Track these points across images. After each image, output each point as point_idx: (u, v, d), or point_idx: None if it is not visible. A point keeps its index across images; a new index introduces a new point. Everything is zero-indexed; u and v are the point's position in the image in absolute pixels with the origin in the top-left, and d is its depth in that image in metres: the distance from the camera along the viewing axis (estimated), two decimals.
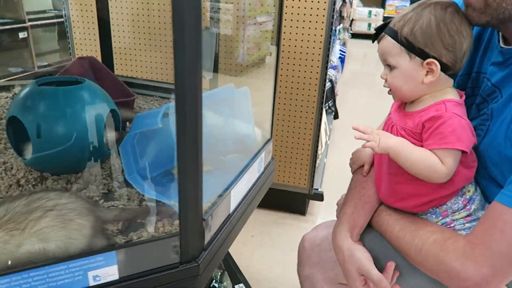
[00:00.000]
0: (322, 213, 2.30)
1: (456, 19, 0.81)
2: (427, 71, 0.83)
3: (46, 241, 0.63)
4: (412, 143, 0.84)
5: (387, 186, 0.93)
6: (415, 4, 0.84)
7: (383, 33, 0.86)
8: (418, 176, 0.83)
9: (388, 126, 0.92)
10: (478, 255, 0.74)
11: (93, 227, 0.69)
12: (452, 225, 0.86)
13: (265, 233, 2.08)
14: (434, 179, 0.82)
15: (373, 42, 0.90)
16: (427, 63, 0.82)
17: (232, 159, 1.02)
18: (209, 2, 1.89)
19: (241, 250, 1.92)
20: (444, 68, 0.82)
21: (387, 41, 0.85)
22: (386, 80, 0.89)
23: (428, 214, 0.89)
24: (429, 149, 0.81)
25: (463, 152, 0.80)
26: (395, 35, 0.83)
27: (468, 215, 0.85)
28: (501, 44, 0.86)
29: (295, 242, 1.19)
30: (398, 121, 0.89)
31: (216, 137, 1.00)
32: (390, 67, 0.87)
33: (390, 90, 0.90)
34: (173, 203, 0.80)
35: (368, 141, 0.83)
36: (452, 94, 0.85)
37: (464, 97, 0.86)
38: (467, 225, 0.85)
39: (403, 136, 0.86)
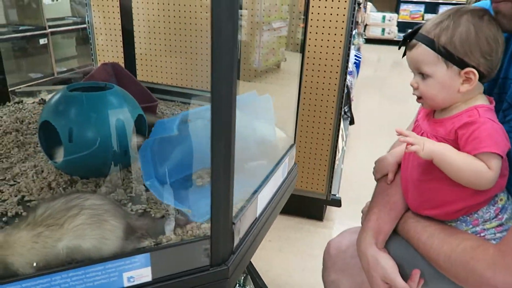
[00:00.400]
0: (340, 218, 2.29)
1: (493, 26, 0.80)
2: (464, 80, 0.81)
3: (82, 238, 0.65)
4: None
5: (417, 194, 0.92)
6: (449, 11, 0.83)
7: (415, 41, 0.85)
8: (464, 182, 0.80)
9: (417, 134, 0.91)
10: (509, 264, 0.74)
11: (125, 230, 0.71)
12: (482, 234, 0.85)
13: (283, 238, 2.08)
14: (481, 184, 0.79)
15: (399, 48, 0.90)
16: (465, 73, 0.81)
17: (254, 166, 1.03)
18: None
19: (258, 255, 1.92)
20: (481, 77, 0.81)
21: (422, 49, 0.83)
22: (416, 88, 0.87)
23: (458, 222, 0.88)
24: (473, 154, 0.79)
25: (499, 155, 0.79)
26: (431, 44, 0.81)
27: (499, 225, 0.84)
28: None
29: (313, 248, 1.19)
30: (428, 128, 0.88)
31: (240, 143, 1.02)
32: (422, 75, 0.85)
33: (420, 98, 0.88)
34: (188, 211, 0.81)
35: (412, 145, 0.81)
36: (482, 100, 0.84)
37: (494, 102, 0.85)
38: (498, 235, 0.84)
39: None
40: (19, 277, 0.59)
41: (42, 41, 3.89)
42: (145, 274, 0.67)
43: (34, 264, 0.63)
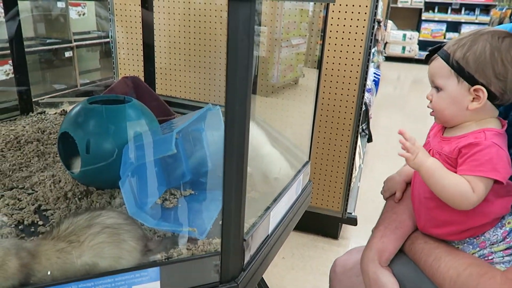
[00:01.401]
0: (355, 237, 2.25)
1: None
2: (474, 98, 0.82)
3: (100, 256, 0.67)
4: (446, 168, 0.83)
5: (423, 212, 0.92)
6: (473, 31, 0.85)
7: (435, 55, 0.87)
8: (447, 201, 0.82)
9: (426, 150, 0.90)
10: None
11: (142, 252, 0.72)
12: (490, 257, 0.84)
13: (296, 256, 2.05)
14: (462, 205, 0.80)
15: (425, 62, 0.91)
16: (474, 90, 0.81)
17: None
18: None
19: (271, 272, 1.90)
20: (492, 97, 0.81)
21: (438, 62, 0.86)
22: (430, 100, 0.89)
23: (465, 244, 0.87)
24: (462, 174, 0.80)
25: (498, 182, 0.78)
26: (447, 57, 0.84)
27: (507, 248, 0.82)
28: None
29: (327, 266, 1.17)
30: (435, 145, 0.89)
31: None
32: (437, 88, 0.87)
33: (433, 111, 0.90)
34: (191, 229, 0.81)
35: (407, 151, 0.84)
36: (494, 124, 0.84)
37: (506, 126, 0.84)
38: (507, 258, 0.82)
39: None
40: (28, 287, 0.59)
41: (68, 54, 4.02)
42: None
43: (48, 273, 0.65)
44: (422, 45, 8.54)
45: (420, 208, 0.92)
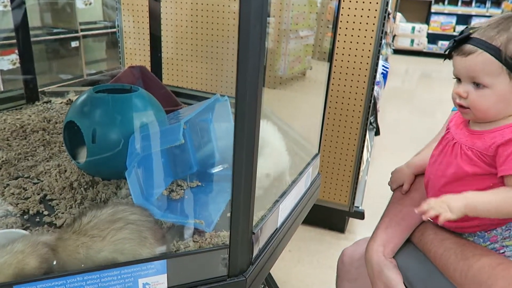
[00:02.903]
0: (362, 231, 2.23)
1: None
2: None
3: (120, 252, 0.65)
4: (477, 165, 0.79)
5: None
6: (508, 17, 0.76)
7: (473, 47, 0.77)
8: (506, 216, 0.77)
9: (448, 143, 0.86)
10: None
11: (160, 249, 0.71)
12: (501, 251, 0.82)
13: (303, 249, 2.04)
14: None
15: (445, 51, 0.82)
16: None
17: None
18: None
19: (277, 265, 1.88)
20: None
21: (484, 57, 0.76)
22: (464, 98, 0.81)
23: (476, 237, 0.85)
24: (507, 174, 0.75)
25: None
26: (497, 53, 0.75)
27: None
28: None
29: (333, 260, 1.16)
30: (463, 139, 0.83)
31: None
32: (476, 84, 0.79)
33: (465, 108, 0.82)
34: (198, 221, 0.79)
35: (440, 216, 0.77)
36: None
37: None
38: None
39: (469, 157, 0.80)
40: (34, 278, 0.58)
41: (74, 43, 4.01)
42: (161, 281, 0.65)
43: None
44: (431, 38, 8.42)
45: (435, 198, 0.89)
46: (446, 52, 0.83)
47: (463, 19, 8.49)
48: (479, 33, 0.77)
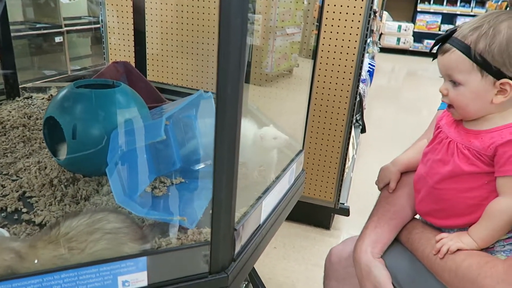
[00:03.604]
0: (347, 228, 2.25)
1: None
2: (498, 91, 0.77)
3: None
4: (475, 165, 0.80)
5: (429, 201, 0.89)
6: (487, 16, 0.77)
7: (448, 46, 0.79)
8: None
9: (442, 141, 0.87)
10: None
11: (141, 250, 0.70)
12: (490, 246, 0.82)
13: (288, 246, 2.05)
14: None
15: (430, 51, 0.83)
16: (501, 84, 0.76)
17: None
18: None
19: (263, 261, 1.89)
20: None
21: (456, 55, 0.78)
22: (445, 95, 0.82)
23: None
24: (509, 175, 0.76)
25: None
26: (467, 51, 0.76)
27: (508, 237, 0.81)
28: None
29: (319, 257, 1.17)
30: (459, 138, 0.83)
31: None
32: (453, 82, 0.80)
33: (450, 106, 0.84)
34: (181, 218, 0.78)
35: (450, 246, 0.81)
36: None
37: None
38: (508, 247, 0.81)
39: (466, 156, 0.81)
40: (9, 277, 0.57)
41: (58, 39, 3.94)
42: (141, 279, 0.65)
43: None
44: (417, 36, 8.52)
45: (426, 196, 0.90)
46: (430, 51, 0.85)
47: (448, 18, 8.61)
48: (458, 32, 0.79)
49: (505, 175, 0.77)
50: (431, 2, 8.69)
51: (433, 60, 0.85)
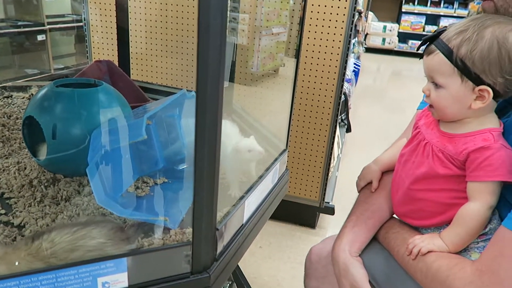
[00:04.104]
0: (332, 227, 2.26)
1: None
2: (477, 97, 0.78)
3: None
4: (449, 168, 0.81)
5: (404, 202, 0.90)
6: (474, 19, 0.77)
7: (433, 47, 0.79)
8: (481, 230, 0.81)
9: (420, 142, 0.87)
10: (486, 283, 0.71)
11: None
12: None
13: (274, 245, 2.05)
14: (487, 220, 0.80)
15: (417, 50, 0.84)
16: (480, 90, 0.76)
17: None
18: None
19: (248, 261, 1.89)
20: (495, 95, 0.77)
21: (439, 58, 0.78)
22: (428, 96, 0.83)
23: (441, 230, 0.86)
24: (478, 180, 0.77)
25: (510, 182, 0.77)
26: (449, 54, 0.76)
27: (483, 234, 0.83)
28: None
29: (304, 256, 1.17)
30: (434, 140, 0.84)
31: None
32: (435, 84, 0.81)
33: (431, 106, 0.84)
34: (163, 218, 0.78)
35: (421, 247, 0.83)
36: (495, 121, 0.81)
37: (502, 124, 0.82)
38: (481, 243, 0.83)
39: (440, 159, 0.82)
40: None
41: (40, 37, 3.87)
42: (121, 280, 0.64)
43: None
44: (402, 37, 8.62)
45: (402, 197, 0.91)
46: (417, 50, 0.86)
47: (432, 19, 8.73)
48: (444, 34, 0.79)
49: (474, 181, 0.78)
50: (416, 3, 8.81)
51: (420, 59, 0.86)
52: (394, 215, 0.99)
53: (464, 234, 0.80)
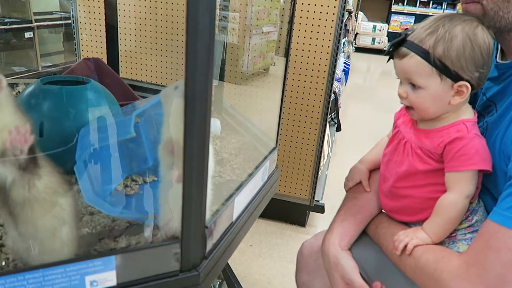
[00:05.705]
0: (322, 225, 2.27)
1: (487, 37, 0.77)
2: (455, 93, 0.79)
3: None
4: (428, 163, 0.83)
5: (390, 198, 0.92)
6: (441, 19, 0.79)
7: (406, 50, 0.80)
8: (460, 218, 0.83)
9: (399, 142, 0.89)
10: (473, 276, 0.73)
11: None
12: (453, 234, 0.85)
13: (264, 243, 2.05)
14: (465, 208, 0.82)
15: (385, 54, 0.85)
16: (459, 86, 0.78)
17: None
18: (217, 10, 1.89)
19: (238, 259, 1.89)
20: (471, 89, 0.79)
21: (415, 60, 0.79)
22: (405, 98, 0.84)
23: None
24: (454, 170, 0.79)
25: (486, 171, 0.79)
26: (426, 55, 0.77)
27: (469, 226, 0.84)
28: (498, 59, 0.86)
29: (294, 254, 1.18)
30: (412, 138, 0.86)
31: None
32: (413, 85, 0.82)
33: (409, 108, 0.85)
34: (152, 217, 0.77)
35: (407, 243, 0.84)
36: (468, 112, 0.83)
37: (476, 114, 0.84)
38: (468, 235, 0.84)
39: (419, 156, 0.84)
40: None
41: (28, 34, 3.81)
42: (110, 278, 0.63)
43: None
44: (391, 37, 8.69)
45: (388, 193, 0.93)
46: (386, 54, 0.86)
47: (421, 19, 8.59)
48: (412, 35, 0.80)
49: (451, 171, 0.80)
50: (405, 3, 8.89)
51: (388, 61, 0.86)
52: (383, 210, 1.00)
53: (443, 223, 0.82)
